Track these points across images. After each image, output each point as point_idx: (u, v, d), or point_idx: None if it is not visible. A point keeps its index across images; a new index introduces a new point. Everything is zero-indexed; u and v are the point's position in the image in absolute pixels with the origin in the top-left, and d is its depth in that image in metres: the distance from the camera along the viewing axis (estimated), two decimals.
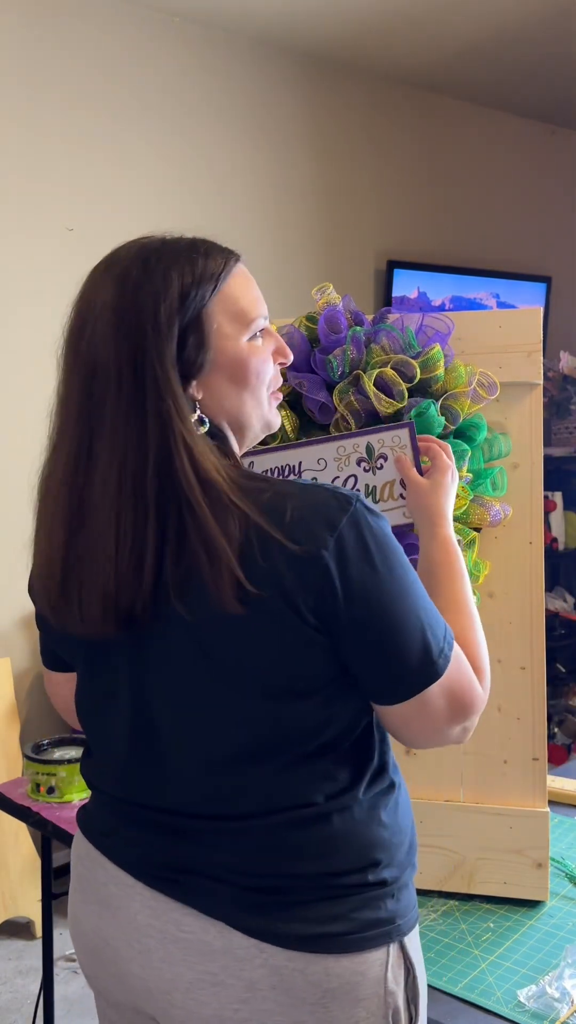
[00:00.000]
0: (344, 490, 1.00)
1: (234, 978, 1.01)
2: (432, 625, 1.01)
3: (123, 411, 0.97)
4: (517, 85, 4.44)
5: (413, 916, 1.07)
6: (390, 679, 1.00)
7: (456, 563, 1.18)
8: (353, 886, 1.02)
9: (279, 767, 1.01)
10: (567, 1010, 1.19)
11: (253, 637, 0.97)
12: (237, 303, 1.04)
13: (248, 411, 1.07)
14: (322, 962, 1.00)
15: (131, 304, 0.98)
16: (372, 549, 0.98)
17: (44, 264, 3.22)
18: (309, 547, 0.94)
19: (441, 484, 1.28)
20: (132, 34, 3.46)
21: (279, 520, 0.95)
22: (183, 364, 1.00)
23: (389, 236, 4.35)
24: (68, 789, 1.91)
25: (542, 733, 1.47)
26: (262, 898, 1.02)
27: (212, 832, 1.04)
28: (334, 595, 0.95)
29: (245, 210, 3.83)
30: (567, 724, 4.14)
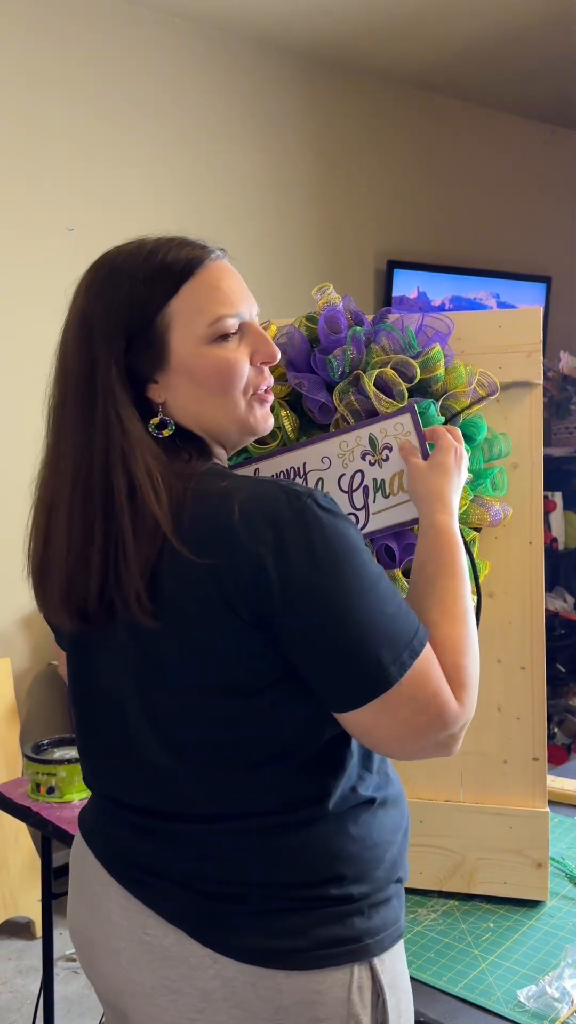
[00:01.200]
0: (299, 487, 0.96)
1: (191, 987, 1.00)
2: (388, 630, 0.94)
3: (77, 417, 1.02)
4: (517, 85, 4.44)
5: (390, 936, 1.02)
6: (337, 684, 0.95)
7: (450, 556, 1.08)
8: (313, 899, 0.99)
9: (231, 770, 1.00)
10: (567, 1010, 1.19)
11: (184, 637, 0.97)
12: (197, 304, 1.02)
13: (213, 414, 1.05)
14: (273, 978, 0.97)
15: (90, 311, 1.03)
16: (318, 548, 0.93)
17: (44, 264, 3.22)
18: (248, 544, 0.93)
19: (441, 465, 1.18)
20: (132, 34, 3.46)
21: (223, 519, 0.94)
22: (136, 369, 1.03)
23: (389, 236, 4.35)
24: (68, 789, 1.91)
25: (542, 733, 1.47)
26: (219, 906, 1.00)
27: (173, 833, 1.04)
28: (270, 592, 0.93)
29: (245, 210, 3.83)
30: (567, 724, 4.14)
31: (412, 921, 1.42)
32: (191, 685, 0.99)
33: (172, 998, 1.01)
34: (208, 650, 0.97)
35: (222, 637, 0.96)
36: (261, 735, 0.99)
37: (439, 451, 1.20)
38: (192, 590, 0.95)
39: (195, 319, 1.02)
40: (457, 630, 1.02)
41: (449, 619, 1.03)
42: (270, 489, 0.96)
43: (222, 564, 0.93)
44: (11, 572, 3.49)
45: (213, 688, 0.98)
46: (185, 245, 1.05)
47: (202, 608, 0.95)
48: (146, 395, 1.04)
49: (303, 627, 0.94)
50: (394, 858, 1.07)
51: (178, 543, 0.95)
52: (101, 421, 1.00)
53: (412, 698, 0.95)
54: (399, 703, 0.95)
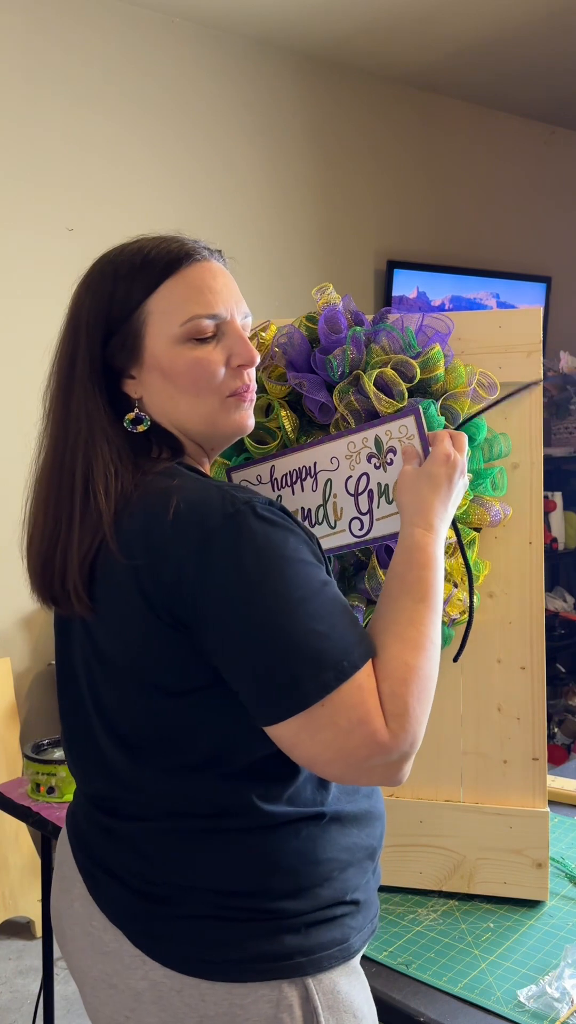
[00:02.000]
0: (242, 493, 0.95)
1: (124, 985, 1.00)
2: (313, 648, 0.90)
3: (59, 407, 1.06)
4: (517, 85, 4.44)
5: (332, 957, 0.99)
6: (256, 697, 0.93)
7: (417, 577, 1.02)
8: (240, 910, 0.98)
9: (164, 769, 0.99)
10: (567, 1010, 1.19)
11: (117, 630, 0.99)
12: (173, 303, 1.02)
13: (186, 413, 1.05)
14: (197, 986, 0.96)
15: (80, 304, 1.06)
16: (244, 557, 0.91)
17: (44, 264, 3.22)
18: (171, 547, 0.92)
19: (430, 476, 1.11)
20: (132, 35, 3.46)
21: (156, 519, 0.94)
22: (114, 363, 1.05)
23: (389, 236, 4.35)
24: (68, 789, 1.91)
25: (542, 733, 1.47)
26: (149, 907, 1.00)
27: (116, 828, 1.05)
28: (192, 598, 0.92)
29: (245, 210, 3.83)
30: (567, 724, 4.14)
31: (412, 921, 1.42)
32: (126, 680, 1.00)
33: (110, 993, 1.02)
34: (135, 648, 0.97)
35: (146, 637, 0.96)
36: (189, 738, 0.98)
37: (431, 459, 1.13)
38: (120, 586, 0.97)
39: (170, 318, 1.02)
40: (404, 656, 0.95)
41: (398, 643, 0.96)
42: (209, 493, 0.95)
43: (144, 564, 0.94)
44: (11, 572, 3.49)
45: (144, 685, 0.98)
46: (174, 243, 1.05)
47: (127, 606, 0.96)
48: (123, 390, 1.06)
49: (223, 636, 0.92)
50: (347, 878, 1.03)
51: (111, 538, 0.97)
52: (75, 413, 1.03)
53: (334, 722, 0.90)
54: (320, 724, 0.91)
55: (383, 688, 0.93)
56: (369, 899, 1.08)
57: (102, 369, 1.05)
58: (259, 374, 1.49)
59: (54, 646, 1.17)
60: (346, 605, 0.96)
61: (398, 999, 1.23)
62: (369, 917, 1.08)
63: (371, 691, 0.92)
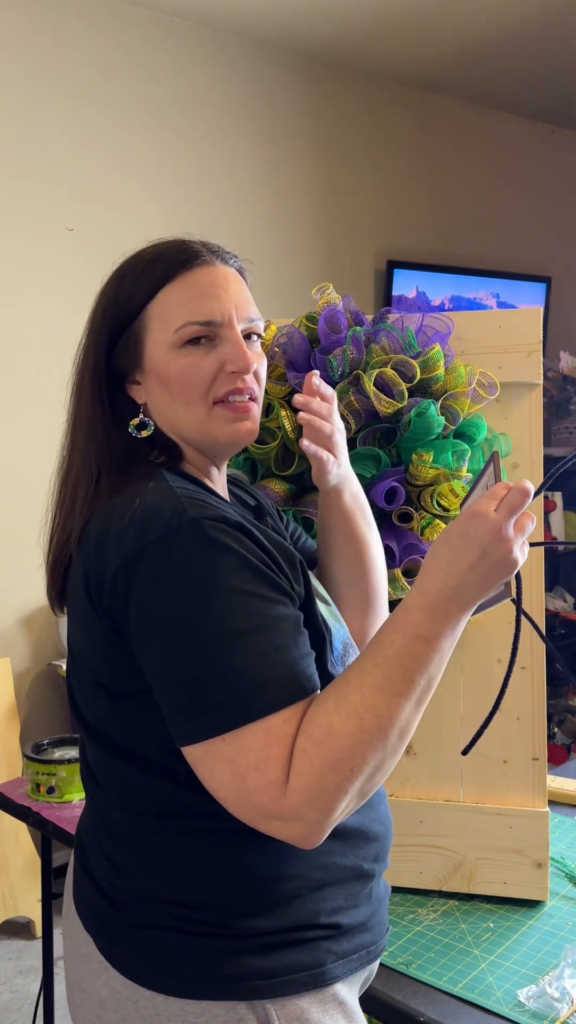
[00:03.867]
0: (194, 508, 0.91)
1: (92, 990, 1.00)
2: (221, 681, 0.86)
3: (70, 411, 1.08)
4: (517, 85, 4.44)
5: (298, 982, 0.94)
6: (167, 713, 0.91)
7: (389, 664, 0.88)
8: (194, 923, 0.94)
9: (120, 766, 0.99)
10: (567, 1010, 1.19)
11: (74, 628, 1.02)
12: (170, 309, 1.02)
13: (181, 420, 1.04)
14: (152, 999, 0.94)
15: (92, 312, 1.08)
16: (171, 573, 0.88)
17: (44, 264, 3.22)
18: (112, 552, 0.92)
19: (468, 542, 0.89)
20: (132, 34, 3.46)
21: (112, 524, 0.94)
22: (119, 368, 1.06)
23: (389, 236, 4.35)
24: (68, 789, 1.91)
25: (542, 733, 1.47)
26: (114, 914, 0.99)
27: (94, 829, 1.05)
28: (124, 603, 0.92)
29: (245, 210, 3.83)
30: (567, 724, 4.14)
31: (412, 921, 1.42)
32: (83, 673, 1.01)
33: (81, 997, 1.02)
34: (85, 646, 0.99)
35: (92, 637, 0.97)
36: (138, 739, 0.97)
37: (476, 520, 0.90)
38: (74, 585, 0.99)
39: (166, 324, 1.02)
40: (331, 719, 0.86)
41: (333, 703, 0.87)
42: (166, 503, 0.92)
43: (91, 565, 0.95)
44: (11, 572, 3.48)
45: (94, 684, 0.99)
46: (179, 248, 1.04)
47: (77, 604, 0.99)
48: (129, 394, 1.07)
49: (143, 648, 0.91)
50: (321, 899, 0.97)
51: (74, 539, 0.99)
52: (81, 417, 1.06)
53: (232, 760, 0.86)
54: (218, 759, 0.87)
55: (298, 741, 0.86)
56: (359, 924, 1.02)
57: (107, 373, 1.05)
58: None
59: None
60: (287, 643, 0.89)
61: (398, 999, 1.23)
62: (359, 945, 1.01)
63: (281, 739, 0.86)
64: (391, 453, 1.44)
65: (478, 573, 0.89)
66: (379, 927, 1.06)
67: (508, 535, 0.89)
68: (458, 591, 0.90)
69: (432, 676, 0.90)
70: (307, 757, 0.85)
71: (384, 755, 0.88)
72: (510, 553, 0.89)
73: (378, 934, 1.06)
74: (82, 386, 1.06)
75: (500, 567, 0.89)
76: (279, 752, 0.86)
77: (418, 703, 0.89)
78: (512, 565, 0.90)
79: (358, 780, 0.86)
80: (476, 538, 0.89)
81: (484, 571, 0.89)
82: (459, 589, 0.90)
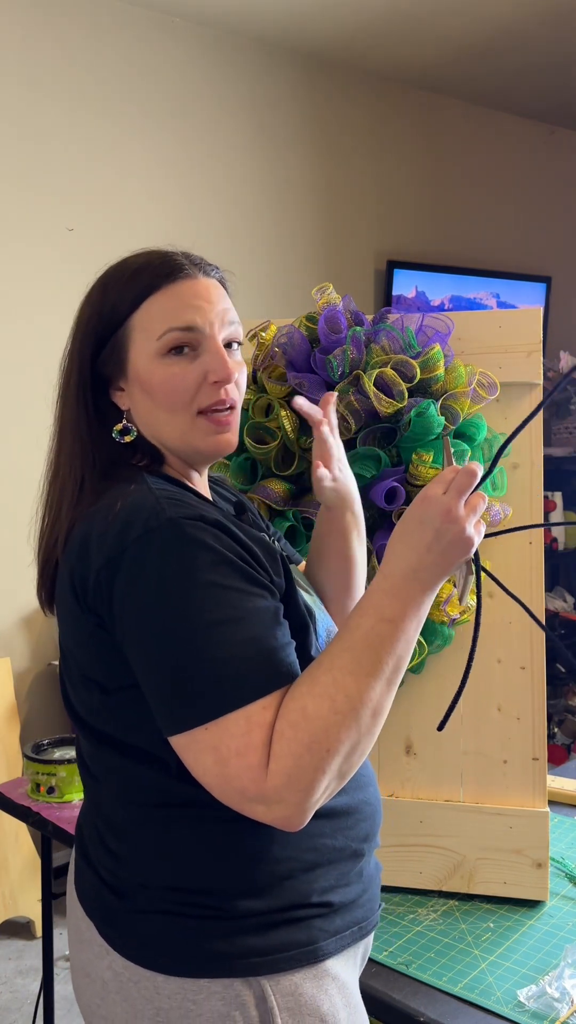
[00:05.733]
0: (172, 508, 0.94)
1: (95, 974, 1.03)
2: (202, 672, 0.89)
3: (56, 416, 1.10)
4: (517, 85, 4.44)
5: (293, 959, 0.98)
6: (152, 705, 0.94)
7: (359, 645, 0.92)
8: (191, 905, 0.98)
9: (112, 757, 1.02)
10: (567, 1010, 1.19)
11: (63, 625, 1.03)
12: (153, 320, 1.04)
13: (163, 428, 1.07)
14: (152, 979, 0.97)
15: (77, 318, 1.10)
16: (151, 573, 0.91)
17: (44, 264, 3.22)
18: (95, 551, 0.95)
19: (409, 538, 0.96)
20: (132, 35, 3.46)
21: (97, 523, 0.97)
22: (104, 374, 1.08)
23: (389, 236, 4.35)
24: (68, 789, 1.91)
25: (542, 733, 1.47)
26: (114, 900, 1.03)
27: (95, 819, 1.08)
28: (109, 601, 0.94)
29: (245, 210, 3.83)
30: (567, 724, 4.14)
31: (412, 921, 1.42)
32: (74, 671, 1.04)
33: (85, 981, 1.05)
34: (75, 645, 1.02)
35: (80, 634, 1.00)
36: (129, 731, 1.00)
37: (421, 500, 0.96)
38: (61, 583, 1.01)
39: (149, 333, 1.04)
40: (305, 701, 0.90)
41: (306, 687, 0.91)
42: (145, 504, 0.95)
43: (76, 564, 0.98)
44: (11, 572, 3.48)
45: (85, 679, 1.02)
46: (163, 260, 1.06)
47: (64, 602, 1.01)
48: (113, 400, 1.09)
49: (126, 640, 0.94)
50: (313, 879, 1.01)
51: (61, 542, 1.02)
52: (65, 421, 1.09)
53: (215, 747, 0.90)
54: (203, 747, 0.90)
55: (276, 725, 0.90)
56: (351, 902, 1.05)
57: (92, 379, 1.08)
58: (259, 374, 1.49)
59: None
60: (264, 634, 0.92)
61: (398, 999, 1.23)
62: (351, 921, 1.04)
63: (262, 725, 0.90)
64: (391, 453, 1.44)
65: (434, 553, 0.94)
66: (371, 903, 1.09)
67: (458, 515, 0.94)
68: (417, 571, 0.94)
69: (400, 656, 0.93)
70: (284, 740, 0.89)
71: (359, 735, 0.91)
72: (463, 532, 0.94)
73: (370, 910, 1.09)
74: (67, 391, 1.09)
75: (455, 546, 0.95)
76: (259, 738, 0.89)
77: (388, 683, 0.93)
78: (467, 543, 0.95)
79: (335, 760, 0.90)
80: (428, 520, 0.94)
81: (440, 551, 0.95)
82: (418, 570, 0.94)
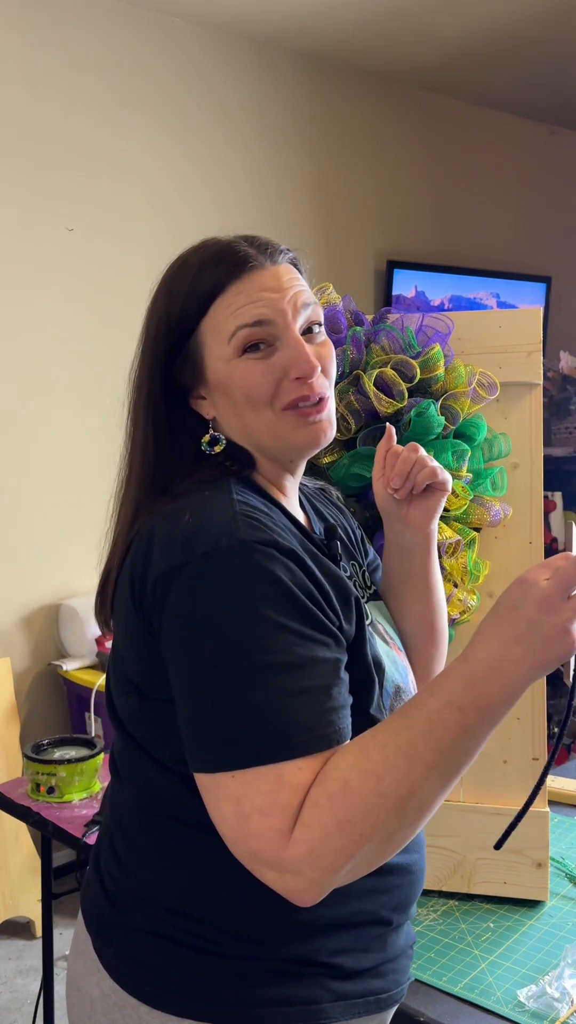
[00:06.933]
0: (247, 529, 0.87)
1: (85, 988, 0.99)
2: (240, 719, 0.82)
3: (128, 429, 1.04)
4: (517, 85, 4.44)
5: (289, 1016, 0.90)
6: (183, 733, 0.89)
7: (414, 734, 0.83)
8: (189, 934, 0.92)
9: (142, 761, 0.97)
10: (567, 1010, 1.19)
11: (119, 624, 1.00)
12: (221, 321, 0.97)
13: (252, 428, 0.99)
14: (136, 1008, 0.92)
15: (146, 323, 1.03)
16: (209, 594, 0.85)
17: (44, 264, 3.22)
18: (158, 558, 0.90)
19: (499, 624, 0.85)
20: (132, 35, 3.46)
21: (164, 527, 0.92)
22: (181, 383, 1.02)
23: (389, 236, 4.35)
24: (68, 789, 1.91)
25: (542, 733, 1.47)
26: (111, 912, 0.98)
27: (109, 823, 1.05)
28: (160, 610, 0.89)
29: (245, 210, 3.82)
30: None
31: (411, 921, 1.42)
32: (119, 668, 1.00)
33: (77, 996, 1.01)
34: (124, 643, 0.97)
35: (131, 635, 0.95)
36: (152, 741, 0.96)
37: (524, 588, 0.84)
38: (123, 583, 0.96)
39: (221, 336, 0.97)
40: (350, 775, 0.82)
41: (356, 758, 0.83)
42: (220, 517, 0.89)
43: (139, 565, 0.92)
44: (11, 572, 3.47)
45: (126, 680, 0.98)
46: (227, 255, 0.99)
47: (123, 602, 0.96)
48: (196, 409, 1.03)
49: (169, 656, 0.89)
50: (326, 938, 0.92)
51: (123, 544, 0.98)
52: (138, 437, 1.02)
53: (237, 799, 0.82)
54: (224, 795, 0.83)
55: (311, 792, 0.82)
56: (366, 970, 0.95)
57: (164, 391, 1.02)
58: None
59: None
60: (317, 688, 0.84)
61: None
62: (366, 989, 0.96)
63: (294, 787, 0.82)
64: None
65: (524, 646, 0.81)
66: (395, 975, 0.99)
67: (559, 607, 0.81)
68: (501, 662, 0.82)
69: (465, 751, 0.82)
70: (317, 811, 0.81)
71: (399, 825, 0.82)
72: (561, 628, 0.81)
73: (393, 983, 0.99)
74: (138, 405, 1.02)
75: (549, 643, 0.81)
76: (288, 800, 0.81)
77: (444, 777, 0.82)
78: (566, 643, 0.81)
79: (366, 846, 0.81)
80: (524, 608, 0.82)
81: (531, 644, 0.81)
82: (502, 660, 0.82)
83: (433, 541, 1.14)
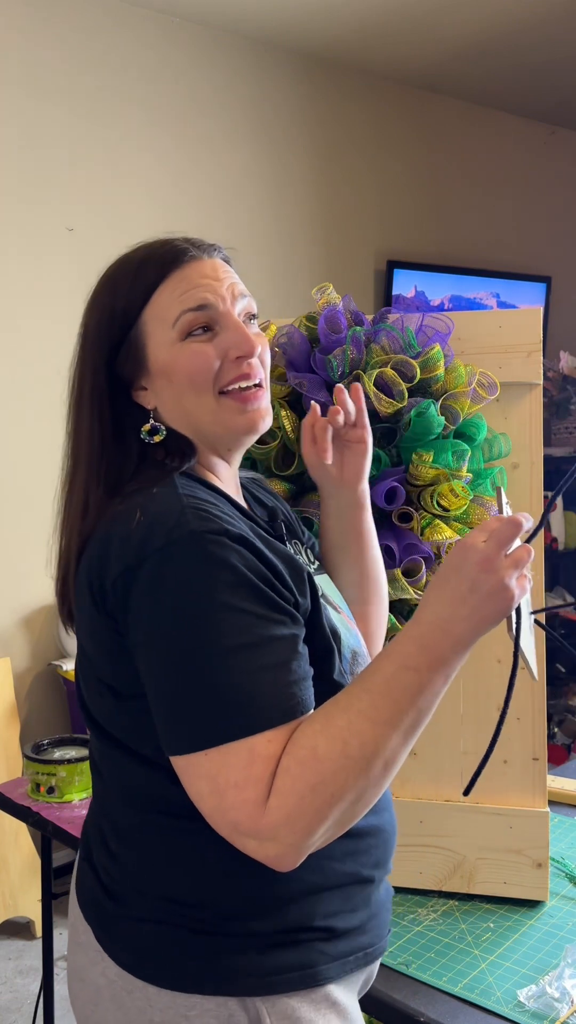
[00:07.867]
0: (197, 521, 0.90)
1: (89, 979, 1.01)
2: (208, 699, 0.86)
3: (70, 424, 1.07)
4: (517, 85, 4.44)
5: (291, 981, 0.95)
6: (156, 720, 0.92)
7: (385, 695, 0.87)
8: (193, 920, 0.95)
9: (120, 759, 0.99)
10: (567, 1010, 1.19)
11: (82, 626, 1.01)
12: (166, 308, 1.02)
13: (195, 414, 1.03)
14: (144, 990, 0.95)
15: (85, 321, 1.07)
16: (168, 587, 0.88)
17: (44, 264, 3.22)
18: (116, 556, 0.92)
19: (444, 587, 0.90)
20: (132, 34, 3.46)
21: (116, 528, 0.94)
22: (123, 376, 1.05)
23: (389, 236, 4.35)
24: (68, 789, 1.91)
25: (542, 733, 1.47)
26: (111, 905, 1.00)
27: (100, 821, 1.06)
28: (124, 607, 0.92)
29: (245, 210, 3.82)
30: (567, 724, 4.14)
31: (412, 921, 1.42)
32: (89, 671, 1.02)
33: (80, 986, 1.03)
34: (91, 645, 1.00)
35: (96, 636, 0.97)
36: (133, 739, 0.98)
37: (464, 552, 0.90)
38: (81, 587, 0.98)
39: (164, 322, 1.02)
40: (317, 741, 0.86)
41: (321, 725, 0.88)
42: (170, 512, 0.91)
43: (95, 567, 0.95)
44: (11, 572, 3.47)
45: (98, 681, 1.00)
46: (165, 248, 1.04)
47: (85, 606, 0.98)
48: (136, 402, 1.06)
49: (137, 652, 0.92)
50: (316, 902, 0.97)
51: (78, 540, 1.00)
52: (82, 431, 1.05)
53: (212, 776, 0.86)
54: (199, 773, 0.87)
55: (282, 761, 0.86)
56: (355, 928, 1.01)
57: (108, 384, 1.05)
58: None
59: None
60: (277, 664, 0.89)
61: (398, 999, 1.23)
62: (355, 947, 1.01)
63: (265, 759, 0.86)
64: (391, 453, 1.44)
65: (468, 605, 0.88)
66: (378, 930, 1.06)
67: (497, 565, 0.87)
68: (449, 623, 0.88)
69: (421, 709, 0.88)
70: (289, 778, 0.85)
71: (367, 784, 0.87)
72: (500, 584, 0.88)
73: (376, 936, 1.05)
74: (81, 401, 1.05)
75: (491, 600, 0.88)
76: (260, 771, 0.86)
77: (406, 735, 0.88)
78: (506, 599, 0.88)
79: (338, 806, 0.86)
80: (465, 569, 0.88)
81: (475, 603, 0.88)
82: (450, 621, 0.88)
83: (366, 496, 1.22)
